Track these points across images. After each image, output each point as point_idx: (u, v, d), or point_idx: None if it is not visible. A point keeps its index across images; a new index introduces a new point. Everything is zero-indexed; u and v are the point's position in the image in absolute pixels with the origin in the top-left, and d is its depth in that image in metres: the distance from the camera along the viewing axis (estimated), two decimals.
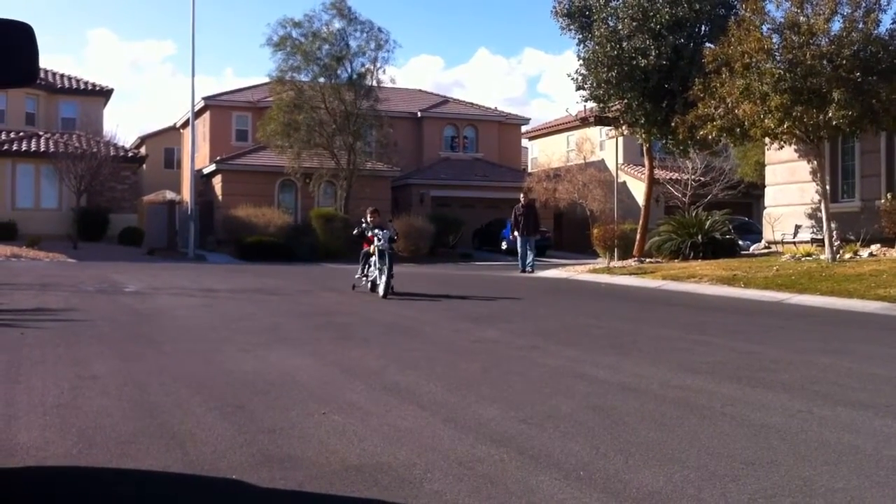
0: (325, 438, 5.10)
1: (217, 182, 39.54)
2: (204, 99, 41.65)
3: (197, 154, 38.17)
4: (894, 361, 8.24)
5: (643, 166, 29.78)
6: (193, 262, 29.79)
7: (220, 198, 38.84)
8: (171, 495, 4.24)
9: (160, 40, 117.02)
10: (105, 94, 41.76)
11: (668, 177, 33.77)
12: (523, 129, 50.25)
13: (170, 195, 44.64)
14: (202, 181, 39.95)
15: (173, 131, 49.73)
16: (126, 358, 8.18)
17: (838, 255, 19.00)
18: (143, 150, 46.40)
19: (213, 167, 39.48)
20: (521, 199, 24.88)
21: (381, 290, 14.74)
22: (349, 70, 35.61)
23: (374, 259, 15.15)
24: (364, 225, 15.55)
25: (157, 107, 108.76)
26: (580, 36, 25.49)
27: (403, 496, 4.08)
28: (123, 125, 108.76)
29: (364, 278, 15.71)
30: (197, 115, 38.98)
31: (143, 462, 4.63)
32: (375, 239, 15.00)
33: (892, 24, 18.16)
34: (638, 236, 26.23)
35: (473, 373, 7.52)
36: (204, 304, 14.01)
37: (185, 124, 41.40)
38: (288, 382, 6.93)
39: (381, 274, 14.84)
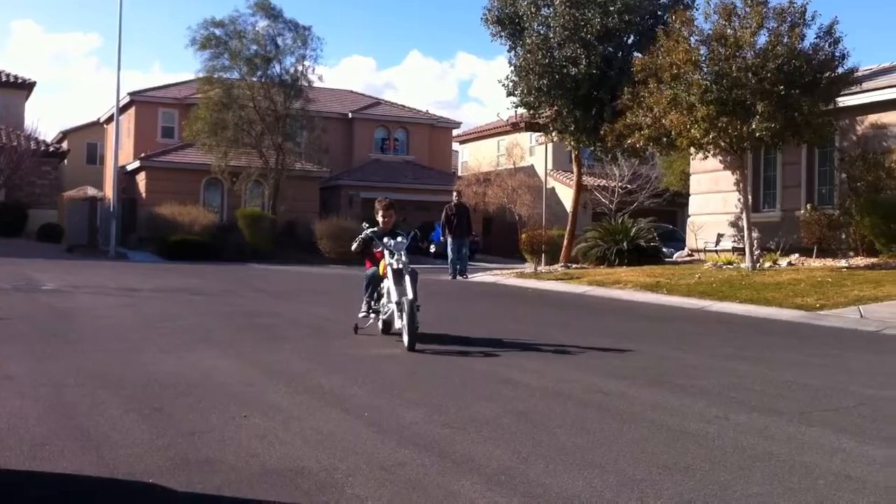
0: (246, 442, 5.04)
1: (141, 179, 38.85)
2: (129, 94, 40.87)
3: (121, 150, 37.38)
4: (810, 369, 8.45)
5: (572, 173, 30.06)
6: (115, 261, 29.21)
7: (143, 195, 38.16)
8: (86, 498, 4.14)
9: (86, 33, 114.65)
10: (27, 86, 40.70)
11: (596, 184, 34.16)
12: (454, 132, 50.38)
13: (91, 191, 43.74)
14: (125, 178, 39.20)
15: (97, 126, 48.67)
16: (42, 358, 7.98)
17: (758, 264, 19.42)
18: (65, 145, 45.33)
19: (137, 164, 38.77)
20: (454, 199, 24.06)
21: (405, 337, 8.97)
22: (278, 69, 35.33)
23: (386, 285, 9.56)
24: (369, 232, 9.98)
25: (81, 101, 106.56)
26: (511, 43, 25.62)
27: (324, 500, 4.05)
28: (45, 119, 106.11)
29: (372, 315, 10.01)
30: (122, 110, 38.21)
31: (57, 464, 4.52)
32: (386, 254, 9.58)
33: (816, 38, 18.56)
34: (565, 242, 26.46)
35: (398, 376, 7.50)
36: (125, 303, 13.75)
37: (110, 119, 40.56)
38: (209, 384, 6.83)
39: (400, 311, 9.06)
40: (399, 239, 9.67)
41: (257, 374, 7.45)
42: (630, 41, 24.83)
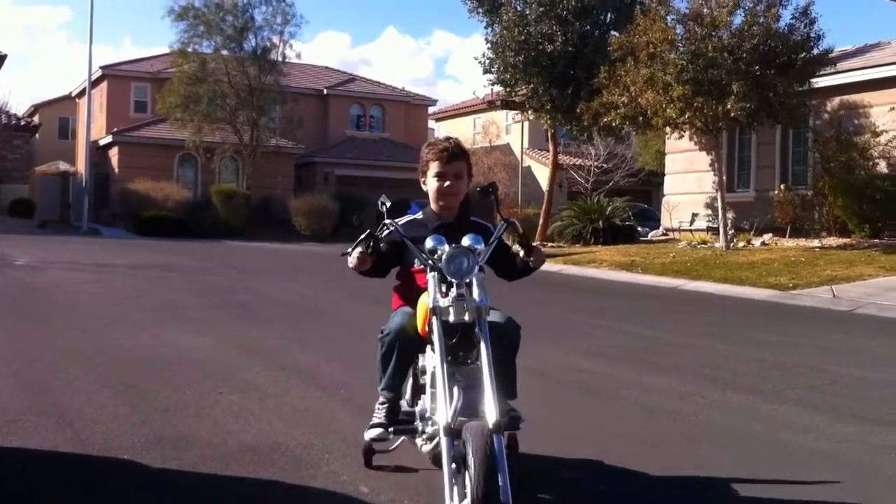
0: (221, 419, 5.01)
1: (114, 154, 38.42)
2: (102, 68, 40.34)
3: (93, 125, 36.93)
4: (783, 348, 8.52)
5: (548, 151, 30.07)
6: (87, 236, 28.97)
7: (116, 170, 37.75)
8: (60, 475, 4.10)
9: (55, 6, 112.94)
10: None
11: (571, 162, 34.19)
12: (430, 110, 50.18)
13: (63, 166, 43.26)
14: (98, 153, 38.74)
15: (69, 100, 48.03)
16: (15, 334, 7.90)
17: (732, 244, 19.55)
18: (36, 119, 44.79)
19: (109, 139, 38.32)
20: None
21: None
22: (254, 43, 35.03)
23: (429, 365, 3.76)
24: (395, 224, 3.85)
25: (53, 74, 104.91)
26: (488, 19, 25.54)
27: (300, 477, 4.04)
28: (16, 92, 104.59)
29: (396, 432, 3.90)
30: (94, 84, 37.73)
31: (30, 440, 4.48)
32: (430, 282, 3.58)
33: (792, 19, 18.60)
34: (541, 220, 26.50)
35: (375, 354, 7.47)
36: (98, 279, 13.63)
37: (82, 93, 40.02)
38: (184, 361, 6.79)
39: (459, 464, 3.12)
40: (467, 243, 3.67)
41: (233, 351, 7.41)
42: (607, 19, 24.81)
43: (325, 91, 44.40)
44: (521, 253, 3.97)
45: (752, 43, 17.70)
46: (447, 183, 3.96)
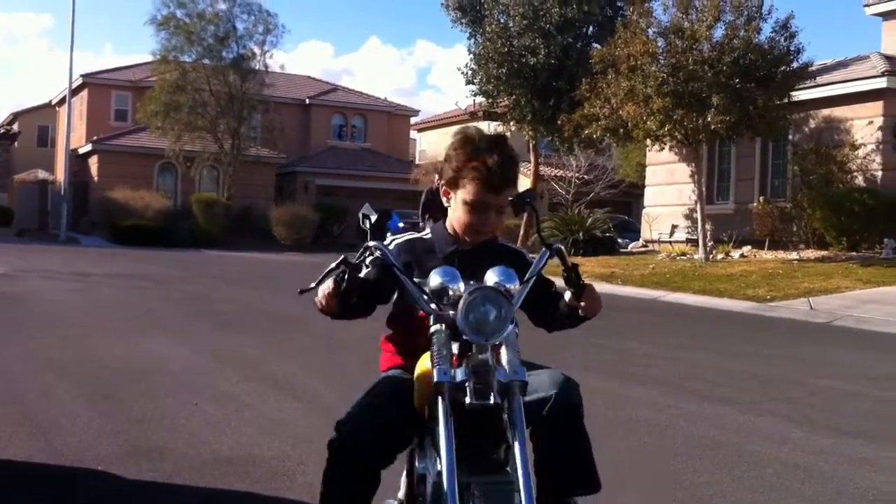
0: (197, 430, 4.98)
1: (93, 162, 38.22)
2: (82, 76, 40.16)
3: (73, 133, 36.77)
4: (761, 360, 8.55)
5: (529, 163, 30.15)
6: (66, 245, 28.79)
7: (95, 179, 37.55)
8: (33, 485, 4.07)
9: (38, 13, 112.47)
10: None
11: (552, 174, 34.27)
12: (413, 120, 50.22)
13: (42, 174, 43.05)
14: (77, 161, 38.56)
15: (48, 108, 47.81)
16: None
17: (711, 256, 19.64)
18: (15, 127, 44.55)
19: (89, 147, 38.13)
20: (435, 181, 23.21)
21: None
22: (235, 52, 34.96)
23: (433, 469, 2.36)
24: (375, 245, 2.55)
25: (33, 82, 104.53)
26: (471, 30, 25.65)
27: (275, 488, 4.02)
28: None
29: None
30: (74, 92, 37.56)
31: (4, 451, 4.44)
32: (435, 346, 2.27)
33: (772, 32, 18.74)
34: (521, 232, 26.55)
35: (353, 365, 7.46)
36: (76, 288, 13.55)
37: (62, 101, 39.86)
38: (160, 371, 6.75)
39: None
40: (494, 280, 2.42)
41: (210, 361, 7.38)
42: (589, 32, 24.96)
43: (306, 101, 44.38)
44: (568, 295, 2.68)
45: (733, 56, 17.82)
46: (473, 187, 2.64)
